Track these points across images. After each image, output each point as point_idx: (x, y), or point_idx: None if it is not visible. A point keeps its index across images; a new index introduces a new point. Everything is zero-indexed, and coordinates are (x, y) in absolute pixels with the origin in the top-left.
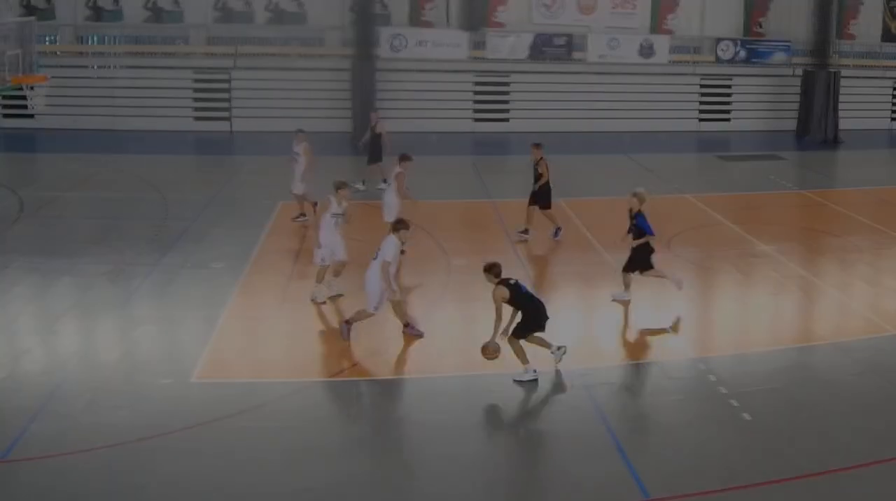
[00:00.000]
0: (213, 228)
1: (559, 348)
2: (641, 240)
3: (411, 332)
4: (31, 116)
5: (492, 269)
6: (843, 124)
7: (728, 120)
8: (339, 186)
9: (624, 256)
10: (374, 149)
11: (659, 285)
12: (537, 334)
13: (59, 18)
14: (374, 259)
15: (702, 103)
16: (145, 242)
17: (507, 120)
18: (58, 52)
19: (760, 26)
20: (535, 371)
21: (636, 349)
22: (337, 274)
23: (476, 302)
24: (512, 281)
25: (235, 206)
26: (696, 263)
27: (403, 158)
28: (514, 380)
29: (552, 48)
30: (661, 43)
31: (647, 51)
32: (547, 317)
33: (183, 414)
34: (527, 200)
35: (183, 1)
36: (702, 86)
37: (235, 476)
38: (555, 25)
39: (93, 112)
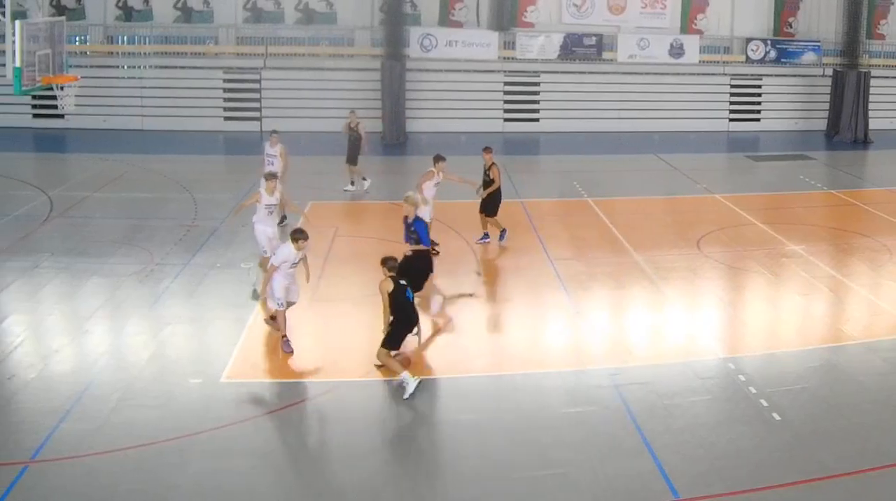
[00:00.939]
0: (243, 228)
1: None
2: (419, 247)
3: (285, 348)
4: (61, 116)
5: (385, 263)
6: (873, 124)
7: (758, 120)
8: (268, 177)
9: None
10: (352, 150)
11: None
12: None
13: (89, 18)
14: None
15: (732, 103)
16: (174, 242)
17: (537, 120)
18: (88, 52)
19: (790, 26)
20: (404, 377)
21: (666, 349)
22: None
23: (506, 302)
24: (402, 282)
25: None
26: (726, 263)
27: (437, 159)
28: (405, 398)
29: (582, 48)
30: (691, 43)
31: (676, 51)
32: (409, 332)
33: (213, 414)
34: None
35: (213, 1)
36: (732, 86)
37: (265, 476)
38: (585, 25)
39: (123, 112)
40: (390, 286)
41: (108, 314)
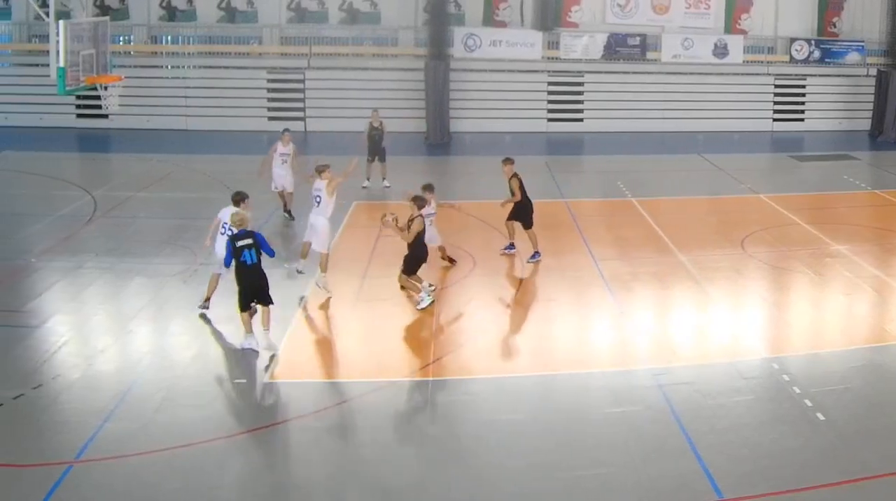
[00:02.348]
0: (287, 228)
1: (430, 286)
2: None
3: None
4: (105, 116)
5: (415, 200)
6: None
7: (802, 120)
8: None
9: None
10: (378, 147)
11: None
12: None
13: (133, 18)
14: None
15: (776, 103)
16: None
17: (580, 120)
18: (131, 52)
19: (834, 26)
20: (430, 287)
21: (710, 349)
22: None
23: (551, 302)
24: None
25: (309, 206)
26: (770, 263)
27: (425, 188)
28: (418, 308)
29: (626, 48)
30: (735, 43)
31: (721, 51)
32: (423, 262)
33: (257, 414)
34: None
35: (257, 1)
36: (776, 86)
37: (310, 476)
38: (629, 25)
39: (166, 112)
40: (421, 226)
41: (151, 314)
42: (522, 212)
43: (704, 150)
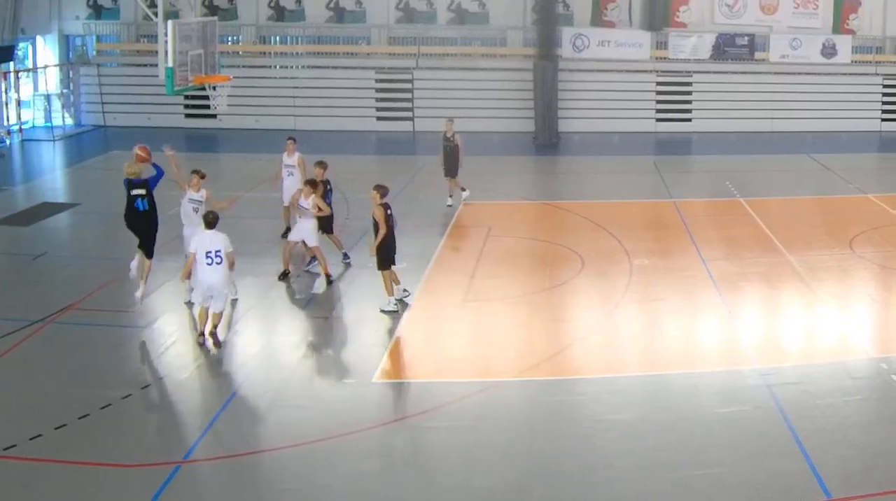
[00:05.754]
0: (395, 228)
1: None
2: None
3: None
4: (214, 116)
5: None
6: None
7: None
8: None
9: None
10: (451, 161)
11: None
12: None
13: (242, 18)
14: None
15: (884, 103)
16: (326, 242)
17: (689, 120)
18: (240, 52)
19: None
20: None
21: (818, 349)
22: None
23: (658, 302)
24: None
25: (417, 206)
26: (878, 263)
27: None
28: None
29: (734, 48)
30: (844, 43)
31: (829, 51)
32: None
33: (364, 414)
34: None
35: (365, 1)
36: (884, 86)
37: (417, 476)
38: (737, 25)
39: (275, 112)
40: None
41: (260, 314)
42: (328, 219)
43: (812, 150)
